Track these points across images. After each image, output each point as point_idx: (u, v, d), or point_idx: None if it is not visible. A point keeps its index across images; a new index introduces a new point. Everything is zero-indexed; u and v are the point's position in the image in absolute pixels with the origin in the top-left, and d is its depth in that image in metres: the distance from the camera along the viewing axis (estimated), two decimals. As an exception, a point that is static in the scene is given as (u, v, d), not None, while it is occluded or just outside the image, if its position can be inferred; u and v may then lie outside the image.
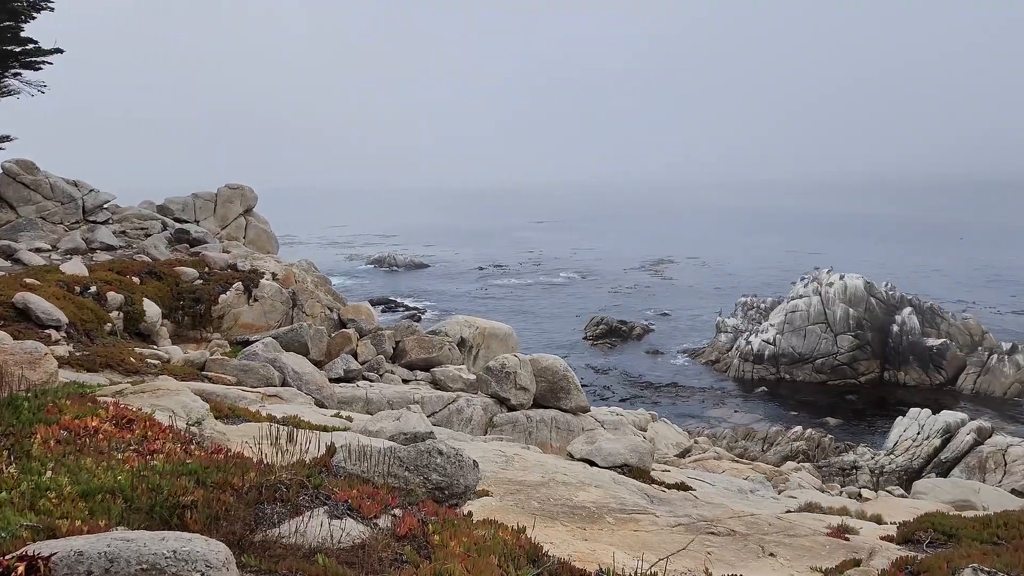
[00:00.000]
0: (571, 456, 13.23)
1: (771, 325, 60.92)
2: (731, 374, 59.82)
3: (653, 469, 14.20)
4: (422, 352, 24.24)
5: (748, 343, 60.51)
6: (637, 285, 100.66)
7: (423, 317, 75.87)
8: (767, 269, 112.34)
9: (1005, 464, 36.22)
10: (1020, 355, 55.84)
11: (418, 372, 23.40)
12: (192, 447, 5.93)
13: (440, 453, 5.90)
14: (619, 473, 12.15)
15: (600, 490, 9.84)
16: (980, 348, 58.00)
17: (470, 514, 5.61)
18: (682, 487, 12.66)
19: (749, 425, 46.29)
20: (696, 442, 34.13)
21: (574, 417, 20.76)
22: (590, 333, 70.83)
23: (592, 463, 12.62)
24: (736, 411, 51.43)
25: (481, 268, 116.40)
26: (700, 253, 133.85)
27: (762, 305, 67.94)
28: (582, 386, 22.67)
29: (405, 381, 22.21)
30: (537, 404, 20.64)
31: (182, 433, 6.40)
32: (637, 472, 12.61)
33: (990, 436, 38.63)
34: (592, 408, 24.01)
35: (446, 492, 5.82)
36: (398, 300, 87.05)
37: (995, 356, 56.02)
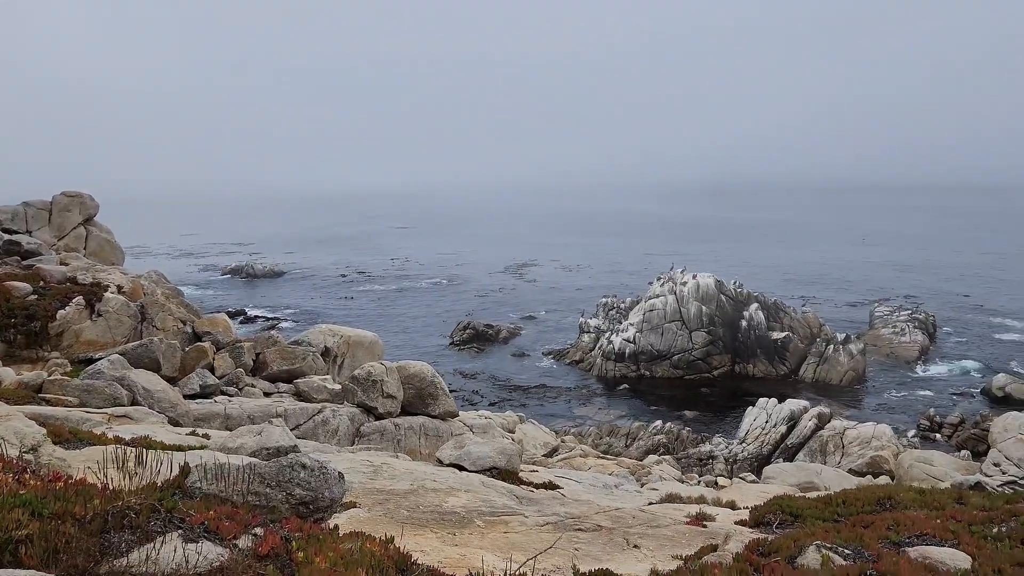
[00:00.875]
0: (440, 462, 13.16)
1: (631, 324, 63.18)
2: (595, 373, 61.55)
3: (522, 470, 14.36)
4: (284, 363, 23.47)
5: (610, 342, 62.48)
6: (502, 288, 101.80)
7: (285, 327, 73.57)
8: (626, 270, 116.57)
9: (843, 446, 39.19)
10: (853, 345, 60.66)
11: (281, 384, 22.62)
12: (27, 476, 5.45)
13: (303, 467, 5.71)
14: (488, 476, 12.20)
15: (469, 494, 9.85)
16: (819, 339, 62.55)
17: (336, 528, 5.46)
18: (550, 486, 12.87)
19: (613, 422, 47.78)
20: (563, 441, 34.89)
21: (443, 423, 20.69)
22: (457, 338, 70.95)
23: (461, 468, 12.61)
24: (601, 409, 52.96)
25: (344, 275, 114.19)
26: (562, 256, 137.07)
27: (622, 305, 70.35)
28: (451, 391, 22.66)
29: (267, 394, 21.41)
30: (405, 411, 20.43)
31: (14, 461, 5.87)
32: (506, 474, 12.71)
33: (829, 421, 41.69)
34: (461, 413, 24.02)
35: (311, 507, 5.64)
36: (258, 310, 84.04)
37: (831, 346, 60.57)
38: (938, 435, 45.78)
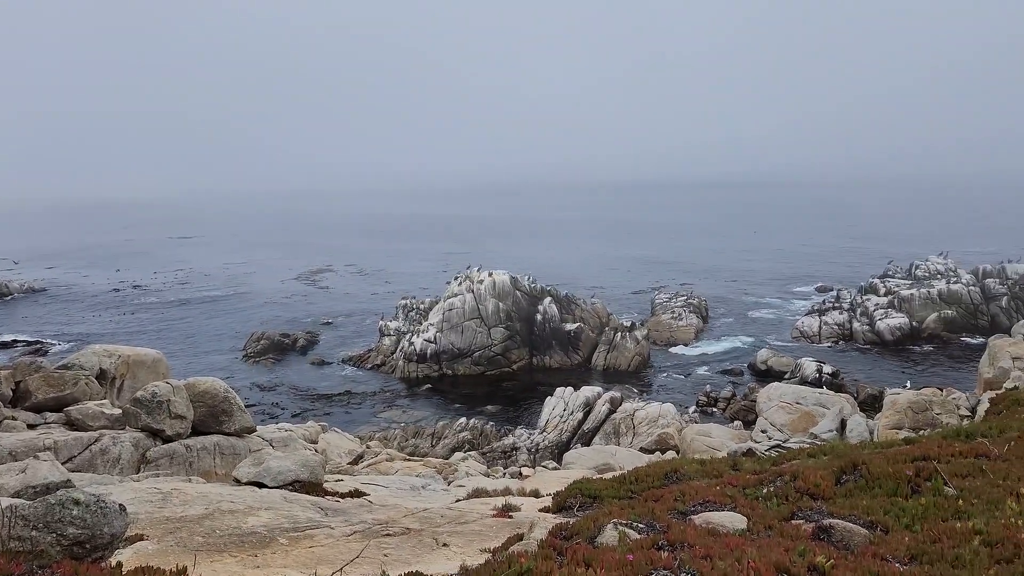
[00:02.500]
0: (238, 481, 12.49)
1: (431, 324, 63.53)
2: (397, 375, 61.27)
3: (326, 481, 13.97)
4: (52, 391, 21.15)
5: (411, 344, 62.45)
6: (294, 296, 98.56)
7: (51, 351, 66.66)
8: (424, 272, 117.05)
9: (634, 427, 41.85)
10: (638, 331, 64.91)
11: (48, 414, 20.36)
12: None
13: (76, 503, 5.17)
14: (291, 491, 11.75)
15: (271, 512, 9.42)
16: (607, 328, 66.33)
17: (119, 565, 5.00)
18: (356, 494, 12.63)
19: (418, 423, 47.83)
20: (368, 447, 34.37)
21: (239, 440, 19.63)
22: (251, 349, 67.73)
23: (262, 485, 12.05)
24: (405, 411, 52.80)
25: (117, 290, 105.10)
26: (357, 261, 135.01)
27: (421, 306, 70.56)
28: (248, 406, 21.60)
29: (32, 426, 19.19)
30: (197, 431, 19.15)
31: None
32: (310, 487, 12.30)
33: (621, 404, 44.36)
34: (260, 427, 22.92)
35: (87, 546, 5.12)
36: (15, 334, 75.31)
37: (619, 334, 64.45)
38: (714, 409, 50.17)
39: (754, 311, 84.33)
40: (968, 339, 67.46)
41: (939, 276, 77.30)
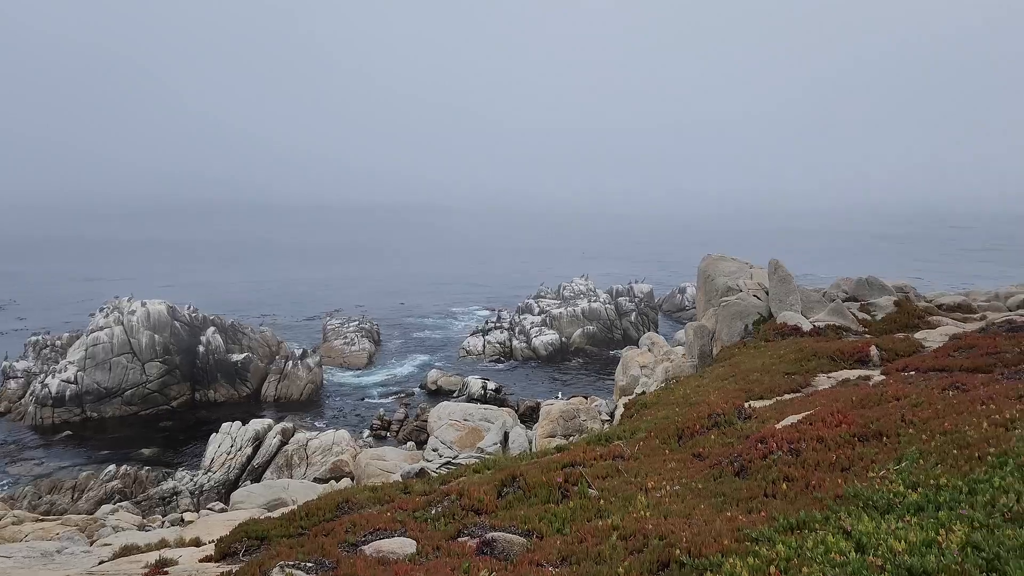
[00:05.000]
0: None
1: (70, 363, 56.07)
2: (27, 423, 53.04)
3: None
4: None
5: (44, 386, 54.48)
6: None
7: None
8: (62, 303, 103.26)
9: (307, 457, 40.74)
10: (310, 359, 63.51)
11: None
12: None
13: None
14: None
15: None
16: (278, 357, 64.00)
17: None
18: (-34, 572, 10.56)
19: (54, 476, 41.75)
20: (-12, 511, 29.16)
21: None
22: None
23: None
24: (38, 464, 45.81)
25: None
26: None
27: (58, 342, 62.19)
28: None
29: None
30: None
31: None
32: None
33: (293, 435, 42.95)
34: None
35: None
36: None
37: (290, 362, 62.49)
38: (387, 432, 50.72)
39: (421, 331, 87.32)
40: (609, 351, 76.38)
41: (582, 296, 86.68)
